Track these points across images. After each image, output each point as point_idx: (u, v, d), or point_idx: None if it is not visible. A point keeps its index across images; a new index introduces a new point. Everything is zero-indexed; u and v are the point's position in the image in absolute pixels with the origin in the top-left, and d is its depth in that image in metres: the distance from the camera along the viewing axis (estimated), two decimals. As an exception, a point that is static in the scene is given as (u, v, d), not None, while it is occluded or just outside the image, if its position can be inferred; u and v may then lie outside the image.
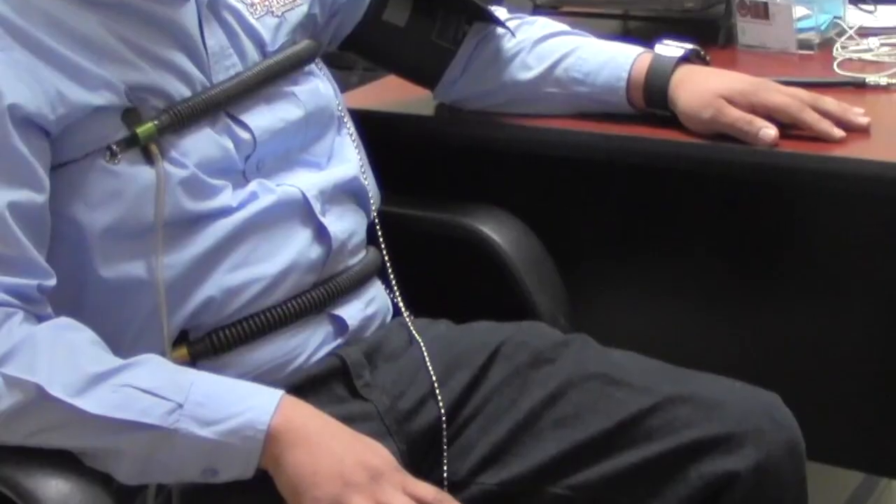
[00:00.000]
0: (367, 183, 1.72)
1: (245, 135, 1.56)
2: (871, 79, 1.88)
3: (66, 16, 1.45)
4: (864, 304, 1.76)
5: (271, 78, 1.60)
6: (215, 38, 1.56)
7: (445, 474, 1.58)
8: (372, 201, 1.72)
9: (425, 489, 1.38)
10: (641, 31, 2.25)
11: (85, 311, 1.45)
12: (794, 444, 1.52)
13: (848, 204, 1.72)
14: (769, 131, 1.70)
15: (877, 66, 1.95)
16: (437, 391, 1.59)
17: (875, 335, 1.77)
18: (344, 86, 1.79)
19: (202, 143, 1.51)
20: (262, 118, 1.58)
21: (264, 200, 1.55)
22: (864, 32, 2.07)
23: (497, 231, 1.83)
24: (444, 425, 1.58)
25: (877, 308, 1.75)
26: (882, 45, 2.01)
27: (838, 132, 1.71)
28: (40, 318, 1.39)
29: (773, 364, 1.82)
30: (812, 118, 1.72)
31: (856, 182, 1.68)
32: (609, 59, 1.82)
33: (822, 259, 1.77)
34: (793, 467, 1.51)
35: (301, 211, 1.59)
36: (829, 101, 1.74)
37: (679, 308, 1.89)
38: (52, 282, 1.41)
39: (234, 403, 1.37)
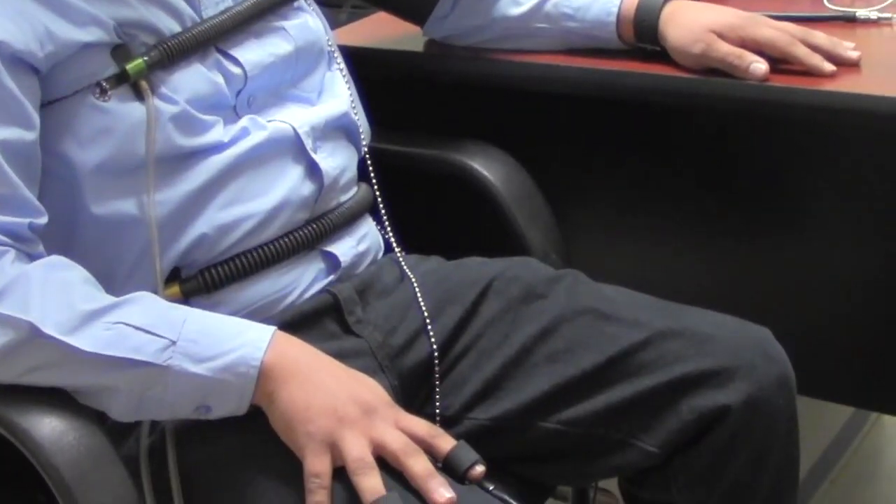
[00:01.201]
0: (357, 118, 1.71)
1: (236, 70, 1.55)
2: (861, 13, 1.88)
3: (53, -48, 1.44)
4: (854, 240, 1.76)
5: (261, 13, 1.59)
6: (204, -26, 1.55)
7: (438, 409, 1.58)
8: (363, 137, 1.71)
9: (418, 424, 1.39)
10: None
11: (76, 249, 1.44)
12: (786, 379, 1.53)
13: (838, 138, 1.72)
14: (759, 65, 1.70)
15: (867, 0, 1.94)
16: (429, 327, 1.60)
17: (865, 271, 1.77)
18: (333, 23, 1.78)
19: (192, 79, 1.50)
20: (253, 53, 1.57)
21: (256, 136, 1.54)
22: (855, -34, 2.06)
23: (488, 167, 1.83)
24: (437, 361, 1.59)
25: (866, 243, 1.76)
26: (873, -22, 2.00)
27: (829, 66, 1.70)
28: (32, 257, 1.39)
29: (764, 299, 1.83)
30: (802, 52, 1.71)
31: (846, 116, 1.68)
32: (600, -6, 1.82)
33: (812, 193, 1.77)
34: (784, 401, 1.52)
35: (293, 147, 1.58)
36: (820, 36, 1.74)
37: (670, 244, 1.90)
38: (44, 220, 1.41)
39: (226, 340, 1.37)
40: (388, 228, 1.69)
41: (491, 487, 1.37)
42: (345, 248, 1.63)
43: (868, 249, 1.76)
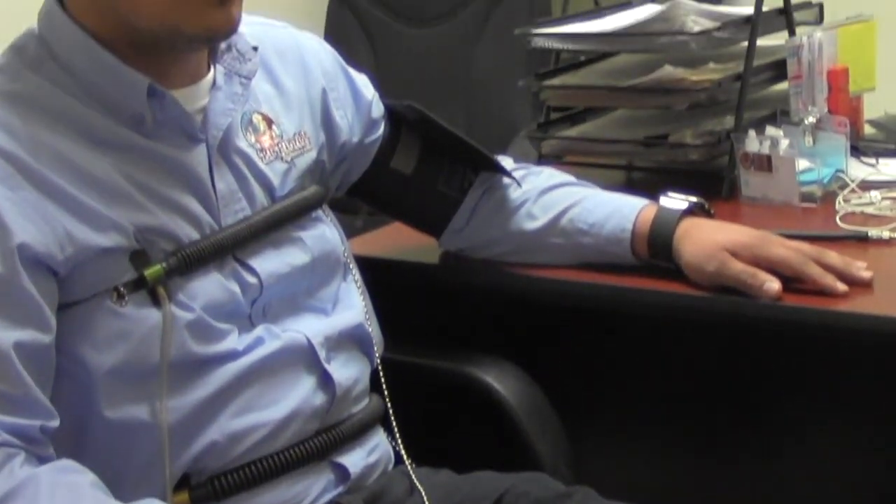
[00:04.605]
0: (371, 330, 1.72)
1: (252, 279, 1.56)
2: (873, 232, 1.89)
3: (77, 156, 1.46)
4: (864, 457, 1.75)
5: (279, 223, 1.61)
6: (225, 182, 1.57)
7: None
8: (376, 348, 1.72)
9: None
10: (646, 182, 2.26)
11: (87, 451, 1.44)
12: None
13: (851, 357, 1.72)
14: (773, 285, 1.70)
15: (879, 219, 1.96)
16: (439, 540, 1.58)
17: (874, 485, 1.75)
18: (348, 230, 1.79)
19: (209, 287, 1.51)
20: (270, 262, 1.59)
21: (270, 346, 1.55)
22: (866, 186, 2.09)
23: (500, 380, 1.83)
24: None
25: (876, 462, 1.75)
26: (884, 198, 2.03)
27: (841, 286, 1.71)
28: (42, 460, 1.38)
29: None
30: (815, 272, 1.72)
31: (859, 336, 1.69)
32: (614, 211, 1.83)
33: (823, 411, 1.77)
34: None
35: (306, 357, 1.59)
36: (833, 255, 1.74)
37: (683, 459, 1.89)
38: (55, 423, 1.40)
39: None
40: (399, 440, 1.69)
41: None
42: (355, 460, 1.62)
43: (878, 468, 1.74)
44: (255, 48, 1.63)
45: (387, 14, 3.73)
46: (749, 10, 2.22)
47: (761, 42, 2.22)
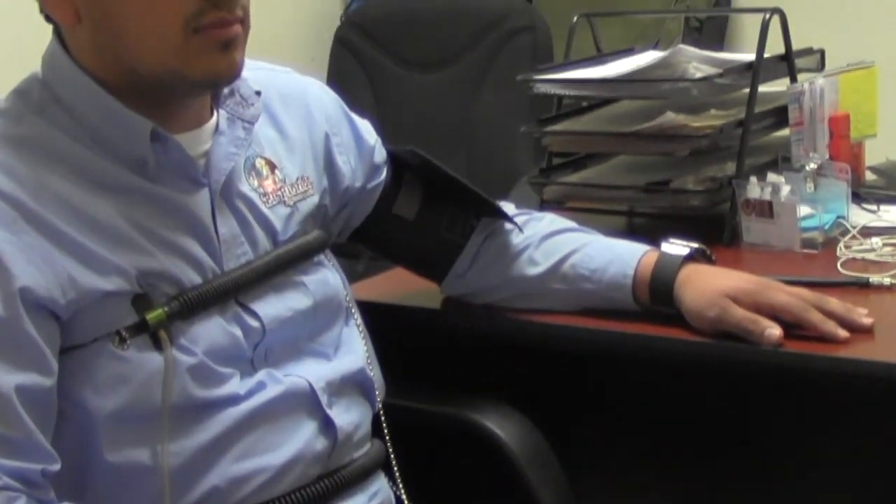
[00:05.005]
0: (373, 374, 1.72)
1: (254, 323, 1.56)
2: (874, 279, 1.89)
3: (80, 201, 1.46)
4: (865, 500, 1.75)
5: (282, 267, 1.61)
6: (227, 227, 1.57)
7: None
8: (377, 393, 1.72)
9: None
10: (647, 228, 2.27)
11: (87, 495, 1.44)
12: None
13: (852, 403, 1.72)
14: (773, 331, 1.70)
15: (880, 265, 1.96)
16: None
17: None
18: (350, 274, 1.79)
19: (211, 331, 1.52)
20: (272, 307, 1.59)
21: (272, 390, 1.55)
22: (867, 232, 2.09)
23: (501, 426, 1.82)
24: None
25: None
26: (885, 244, 2.03)
27: (843, 333, 1.71)
28: (42, 503, 1.38)
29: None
30: (816, 318, 1.72)
31: (860, 382, 1.68)
32: (616, 257, 1.83)
33: (824, 457, 1.76)
34: None
35: (308, 402, 1.59)
36: (834, 302, 1.74)
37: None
38: (57, 466, 1.40)
39: None
40: (401, 485, 1.68)
41: None
42: (356, 505, 1.62)
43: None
44: (259, 93, 1.64)
45: (389, 59, 3.74)
46: (751, 56, 2.23)
47: (763, 88, 2.23)
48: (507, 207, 1.92)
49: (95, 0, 1.47)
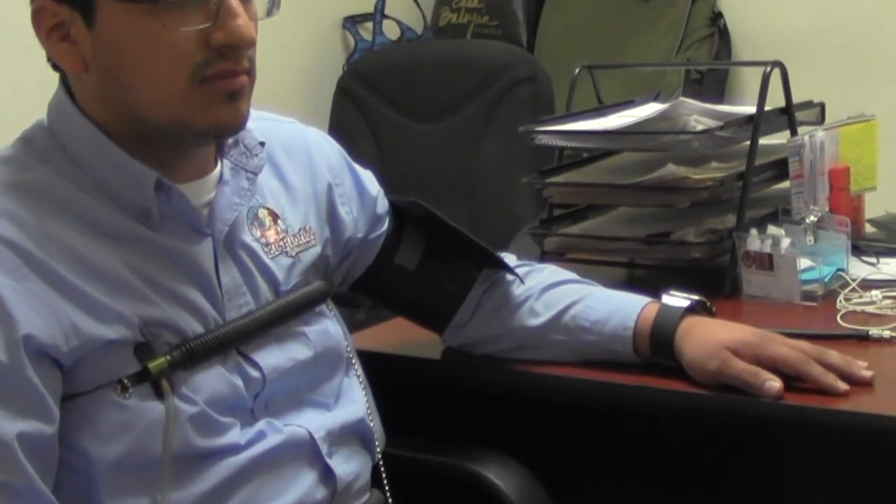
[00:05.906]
0: (373, 425, 1.72)
1: (255, 373, 1.57)
2: (874, 331, 1.90)
3: (84, 249, 1.47)
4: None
5: (283, 317, 1.62)
6: (230, 276, 1.58)
7: None
8: (377, 443, 1.72)
9: None
10: (648, 280, 2.27)
11: (88, 543, 1.44)
12: None
13: (852, 456, 1.72)
14: (774, 384, 1.70)
15: (880, 318, 1.97)
16: None
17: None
18: (350, 323, 1.80)
19: (212, 380, 1.52)
20: (273, 357, 1.59)
21: (272, 440, 1.55)
22: (867, 285, 2.09)
23: (501, 476, 1.82)
24: None
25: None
26: (885, 297, 2.03)
27: (843, 385, 1.71)
28: (44, 551, 1.38)
29: None
30: (816, 371, 1.72)
31: (860, 436, 1.68)
32: (616, 309, 1.83)
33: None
34: None
35: (308, 452, 1.59)
36: (834, 354, 1.75)
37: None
38: (58, 514, 1.40)
39: None
40: (400, 536, 1.68)
41: None
42: (356, 555, 1.62)
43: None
44: (262, 143, 1.65)
45: (391, 109, 3.76)
46: (751, 109, 2.24)
47: (763, 141, 2.24)
48: (509, 258, 1.93)
49: (103, 50, 1.48)
